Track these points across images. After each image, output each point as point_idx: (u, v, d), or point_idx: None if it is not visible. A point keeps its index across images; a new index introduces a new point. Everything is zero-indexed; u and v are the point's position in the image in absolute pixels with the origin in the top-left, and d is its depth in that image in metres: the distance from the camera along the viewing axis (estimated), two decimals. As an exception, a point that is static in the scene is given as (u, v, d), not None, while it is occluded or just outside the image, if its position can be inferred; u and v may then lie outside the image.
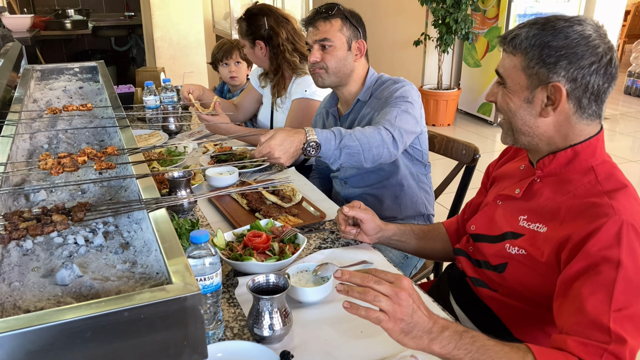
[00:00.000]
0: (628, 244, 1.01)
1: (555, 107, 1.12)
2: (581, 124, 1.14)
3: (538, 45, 1.10)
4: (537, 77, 1.12)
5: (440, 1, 5.12)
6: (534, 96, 1.14)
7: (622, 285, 0.98)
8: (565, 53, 1.08)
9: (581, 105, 1.12)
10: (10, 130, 1.33)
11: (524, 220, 1.21)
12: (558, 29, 1.09)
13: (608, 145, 1.19)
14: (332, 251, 1.48)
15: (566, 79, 1.09)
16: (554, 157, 1.18)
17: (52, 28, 5.88)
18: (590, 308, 0.98)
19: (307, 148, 1.48)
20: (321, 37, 1.79)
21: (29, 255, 0.90)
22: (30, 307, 0.76)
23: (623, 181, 1.12)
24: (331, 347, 1.11)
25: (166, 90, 2.55)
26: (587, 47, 1.08)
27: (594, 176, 1.13)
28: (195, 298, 0.68)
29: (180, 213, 1.65)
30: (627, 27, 7.84)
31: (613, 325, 0.95)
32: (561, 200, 1.15)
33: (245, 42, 2.44)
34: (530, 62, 1.12)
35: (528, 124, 1.17)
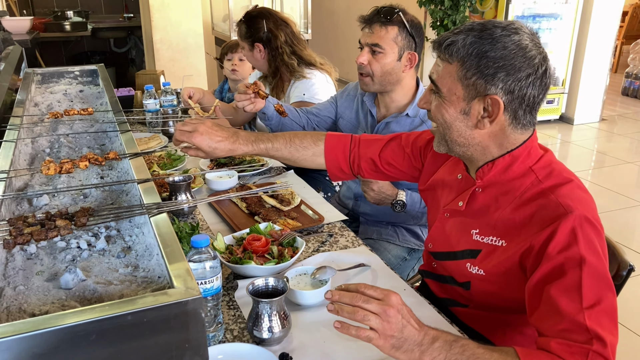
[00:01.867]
0: (585, 239, 1.01)
1: (493, 120, 1.09)
2: (516, 134, 1.12)
3: (476, 55, 1.06)
4: (474, 88, 1.08)
5: (439, 3, 5.13)
6: (470, 107, 1.10)
7: (589, 281, 0.99)
8: (504, 64, 1.04)
9: (517, 116, 1.09)
10: (12, 134, 1.35)
11: (477, 234, 1.19)
12: (496, 38, 1.05)
13: (606, 146, 1.20)
14: (330, 254, 1.50)
15: (503, 91, 1.06)
16: (492, 165, 1.15)
17: (51, 30, 5.88)
18: (564, 309, 0.99)
19: (395, 204, 1.76)
20: (373, 41, 1.74)
21: (32, 260, 0.92)
22: (35, 310, 0.78)
23: (564, 175, 1.11)
24: (329, 349, 1.13)
25: (166, 94, 2.57)
26: (524, 58, 1.04)
27: (535, 176, 1.12)
28: (196, 302, 0.70)
29: (181, 216, 1.67)
30: (624, 29, 7.85)
31: (589, 323, 0.97)
32: (511, 209, 1.12)
33: (244, 45, 2.46)
34: (468, 73, 1.07)
35: (463, 135, 1.14)
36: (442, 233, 1.30)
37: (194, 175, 1.88)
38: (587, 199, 1.08)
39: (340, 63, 2.87)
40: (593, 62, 5.58)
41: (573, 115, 5.74)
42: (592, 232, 1.02)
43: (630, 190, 4.05)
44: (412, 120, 1.83)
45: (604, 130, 5.70)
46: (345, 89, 2.08)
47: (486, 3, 5.44)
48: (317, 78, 2.38)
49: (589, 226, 1.02)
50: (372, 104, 1.93)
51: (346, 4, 7.19)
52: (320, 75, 2.40)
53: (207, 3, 5.29)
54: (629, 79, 6.91)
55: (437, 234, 1.33)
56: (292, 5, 5.15)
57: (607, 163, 4.83)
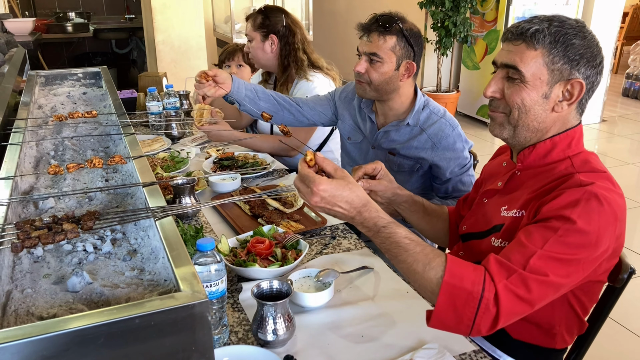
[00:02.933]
0: (585, 208, 1.05)
1: (571, 103, 1.17)
2: (573, 118, 1.21)
3: (562, 42, 1.14)
4: (559, 73, 1.15)
5: (439, 4, 5.14)
6: (551, 91, 1.16)
7: (563, 237, 1.03)
8: (584, 52, 1.13)
9: (581, 101, 1.18)
10: (18, 137, 1.36)
11: (505, 210, 1.24)
12: (577, 29, 1.14)
13: (606, 147, 1.22)
14: (333, 256, 1.51)
15: (584, 76, 1.15)
16: (533, 149, 1.22)
17: (53, 31, 5.90)
18: (525, 241, 1.05)
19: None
20: (371, 50, 1.74)
21: (39, 263, 0.93)
22: (43, 313, 0.79)
23: (599, 167, 1.16)
24: (333, 351, 1.13)
25: (169, 96, 2.58)
26: (597, 47, 1.15)
27: (570, 163, 1.18)
28: (202, 305, 0.71)
29: (185, 219, 1.68)
30: (625, 29, 7.86)
31: (534, 260, 1.02)
32: (538, 186, 1.19)
33: (255, 35, 2.44)
34: (555, 58, 1.14)
35: (539, 119, 1.19)
36: (478, 216, 1.35)
37: (198, 178, 1.89)
38: (613, 190, 1.11)
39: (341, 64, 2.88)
40: (594, 63, 5.58)
41: (574, 116, 5.74)
42: (597, 209, 1.05)
43: (631, 191, 4.05)
44: (411, 129, 1.83)
45: (604, 131, 5.70)
46: (344, 89, 2.07)
47: (487, 4, 5.44)
48: (320, 81, 2.38)
49: (596, 202, 1.05)
50: (370, 110, 1.93)
51: (347, 5, 7.20)
52: (324, 79, 2.41)
53: (208, 5, 5.30)
54: (629, 80, 6.91)
55: (472, 217, 1.38)
56: (293, 6, 5.16)
57: (607, 164, 4.83)
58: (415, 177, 1.85)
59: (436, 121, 1.79)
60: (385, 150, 1.86)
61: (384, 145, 1.87)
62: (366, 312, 1.27)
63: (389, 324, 1.22)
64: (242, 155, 2.24)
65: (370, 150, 1.92)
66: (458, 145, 1.77)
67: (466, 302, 1.01)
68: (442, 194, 1.84)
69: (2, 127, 1.44)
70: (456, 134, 1.77)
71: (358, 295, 1.34)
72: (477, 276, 1.02)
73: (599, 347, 1.02)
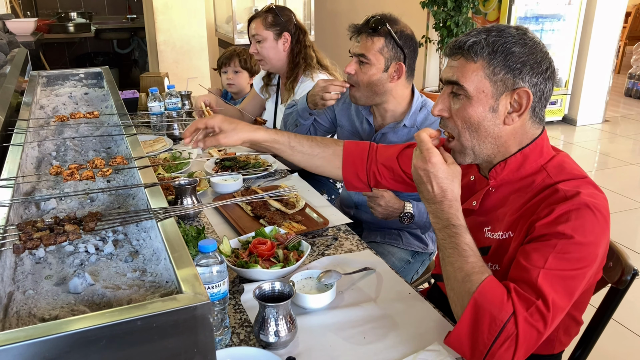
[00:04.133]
0: (578, 220, 1.03)
1: (521, 113, 1.13)
2: (533, 129, 1.17)
3: (502, 51, 1.10)
4: (502, 84, 1.11)
5: (441, 4, 5.14)
6: (498, 104, 1.13)
7: (561, 254, 1.02)
8: (527, 59, 1.10)
9: (535, 110, 1.14)
10: (20, 138, 1.36)
11: (489, 232, 1.22)
12: (515, 36, 1.11)
13: (608, 148, 1.21)
14: (335, 257, 1.50)
15: (529, 84, 1.11)
16: (505, 164, 1.18)
17: (55, 31, 5.91)
18: (526, 263, 1.04)
19: (402, 217, 1.77)
20: (359, 51, 1.75)
21: (41, 264, 0.93)
22: (45, 314, 0.79)
23: (576, 172, 1.14)
24: (335, 353, 1.13)
25: (170, 97, 2.58)
26: (542, 53, 1.11)
27: (546, 173, 1.15)
28: (205, 307, 0.71)
29: (186, 220, 1.68)
30: (627, 29, 7.84)
31: (540, 280, 1.01)
32: (520, 203, 1.16)
33: (267, 35, 2.42)
34: (495, 69, 1.10)
35: (492, 135, 1.15)
36: None
37: (200, 179, 1.89)
38: (598, 194, 1.09)
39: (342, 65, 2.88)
40: (596, 63, 5.57)
41: (576, 116, 5.74)
42: (590, 219, 1.04)
43: (633, 192, 4.04)
44: (409, 131, 1.82)
45: (606, 131, 5.70)
46: (342, 96, 2.06)
47: (489, 4, 5.44)
48: None
49: (588, 212, 1.04)
50: (367, 112, 1.93)
51: (349, 5, 7.20)
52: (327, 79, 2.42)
53: (210, 5, 5.30)
54: (632, 80, 6.90)
55: None
56: (295, 6, 5.15)
57: (610, 164, 4.83)
58: None
59: (433, 122, 1.79)
60: None
61: None
62: (368, 313, 1.26)
63: (391, 325, 1.22)
64: (244, 156, 2.23)
65: None
66: None
67: (489, 326, 1.00)
68: None
69: (4, 128, 1.44)
70: None
71: (360, 296, 1.33)
72: (506, 305, 1.00)
73: (601, 349, 1.02)
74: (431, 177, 1.14)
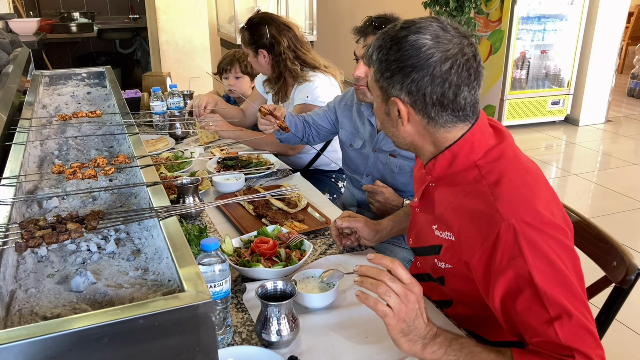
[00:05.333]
0: (529, 247, 0.98)
1: (404, 120, 1.11)
2: (440, 132, 1.11)
3: (380, 59, 1.09)
4: (384, 91, 1.11)
5: (444, 4, 5.13)
6: (388, 109, 1.13)
7: (548, 291, 0.97)
8: (397, 67, 1.06)
9: (430, 115, 1.09)
10: (22, 137, 1.36)
11: (437, 230, 1.20)
12: (395, 41, 1.07)
13: (611, 148, 1.18)
14: (338, 257, 1.50)
15: (405, 92, 1.07)
16: (435, 161, 1.15)
17: (57, 31, 5.92)
18: (534, 325, 0.99)
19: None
20: None
21: (43, 262, 0.93)
22: (47, 313, 0.78)
23: (505, 166, 1.08)
24: (337, 352, 1.13)
25: (172, 96, 2.58)
26: (417, 59, 1.04)
27: (478, 171, 1.09)
28: (207, 306, 0.70)
29: (188, 219, 1.68)
30: (630, 29, 7.82)
31: (563, 338, 0.96)
32: (455, 204, 1.12)
33: (248, 51, 2.47)
34: (376, 76, 1.11)
35: (396, 135, 1.17)
36: (416, 228, 1.32)
37: (202, 178, 1.89)
38: (531, 195, 1.03)
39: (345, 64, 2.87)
40: (598, 63, 5.56)
41: (578, 116, 5.73)
42: (538, 238, 0.99)
43: (636, 192, 4.03)
44: None
45: (609, 131, 5.68)
46: (343, 97, 2.06)
47: (491, 4, 5.43)
48: (320, 80, 2.37)
49: (532, 231, 0.99)
50: (370, 112, 1.91)
51: (351, 5, 7.20)
52: (324, 78, 2.40)
53: (212, 5, 5.30)
54: (634, 80, 6.89)
55: (412, 229, 1.34)
56: (297, 6, 5.15)
57: (612, 165, 4.82)
58: None
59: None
60: (386, 152, 1.85)
61: (384, 148, 1.86)
62: (370, 312, 1.24)
63: (394, 324, 1.21)
64: (246, 155, 2.23)
65: (371, 154, 1.91)
66: None
67: None
68: None
69: (7, 127, 1.44)
70: None
71: (362, 295, 1.33)
72: None
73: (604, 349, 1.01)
74: (422, 307, 1.00)
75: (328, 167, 2.57)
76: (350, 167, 2.03)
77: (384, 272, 0.98)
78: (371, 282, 0.97)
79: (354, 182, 2.03)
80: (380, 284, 0.97)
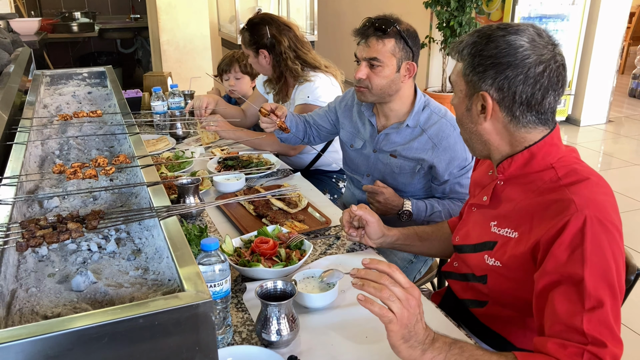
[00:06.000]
0: (592, 239, 1.01)
1: (486, 116, 1.14)
2: (520, 132, 1.15)
3: (473, 53, 1.12)
4: (472, 85, 1.14)
5: (445, 4, 5.13)
6: (471, 104, 1.16)
7: (592, 284, 0.99)
8: (492, 62, 1.09)
9: (514, 114, 1.12)
10: (23, 136, 1.36)
11: (495, 226, 1.22)
12: (492, 38, 1.11)
13: (612, 148, 1.19)
14: (338, 257, 1.50)
15: (494, 88, 1.11)
16: (512, 160, 1.18)
17: (59, 31, 5.92)
18: (564, 311, 1.00)
19: (401, 214, 1.78)
20: (371, 55, 1.71)
21: (44, 262, 0.93)
22: (47, 312, 0.79)
23: (584, 174, 1.12)
24: (337, 352, 1.13)
25: (173, 96, 2.58)
26: (514, 57, 1.08)
27: (555, 172, 1.13)
28: (206, 305, 0.71)
29: (189, 218, 1.68)
30: (631, 29, 7.81)
31: (587, 327, 0.98)
32: (527, 201, 1.15)
33: (249, 52, 2.46)
34: (466, 70, 1.14)
35: (472, 132, 1.19)
36: (467, 226, 1.34)
37: (202, 178, 1.89)
38: (605, 200, 1.08)
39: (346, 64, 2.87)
40: (600, 64, 5.56)
41: (579, 116, 5.72)
42: (603, 234, 1.02)
43: (637, 192, 4.02)
44: (412, 131, 1.82)
45: (610, 132, 5.68)
46: (343, 98, 2.06)
47: (492, 4, 5.43)
48: (321, 80, 2.37)
49: (600, 227, 1.02)
50: (370, 113, 1.91)
51: (352, 5, 7.20)
52: (325, 78, 2.40)
53: (213, 5, 5.31)
54: (636, 80, 6.88)
55: (463, 227, 1.36)
56: (298, 6, 5.15)
57: (613, 165, 4.81)
58: (417, 179, 1.84)
59: (437, 121, 1.78)
60: (387, 153, 1.86)
61: (385, 148, 1.86)
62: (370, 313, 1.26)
63: (393, 324, 1.22)
64: (247, 155, 2.24)
65: (372, 154, 1.91)
66: (459, 145, 1.76)
67: None
68: (440, 195, 1.84)
69: (8, 127, 1.44)
70: (457, 134, 1.76)
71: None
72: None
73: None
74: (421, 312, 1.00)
75: (329, 168, 2.58)
76: (351, 168, 2.04)
77: (384, 276, 0.97)
78: (374, 286, 0.96)
79: (355, 183, 2.04)
80: (383, 288, 0.96)
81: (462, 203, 1.71)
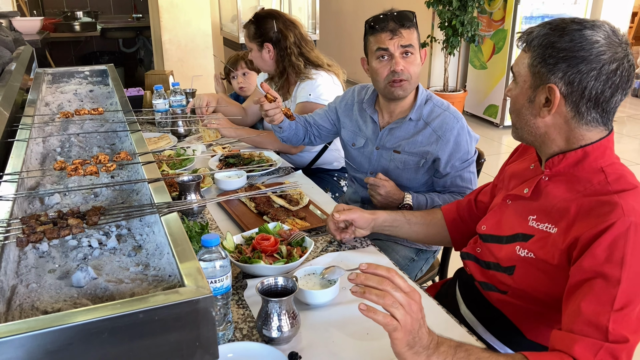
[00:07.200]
0: (634, 244, 1.01)
1: (551, 109, 1.12)
2: (581, 129, 1.13)
3: (544, 44, 1.10)
4: (539, 77, 1.12)
5: (447, 4, 5.13)
6: (535, 95, 1.14)
7: (626, 286, 0.99)
8: (565, 55, 1.08)
9: (579, 110, 1.11)
10: (24, 134, 1.36)
11: (534, 220, 1.21)
12: (567, 31, 1.09)
13: (615, 148, 1.18)
14: (339, 254, 1.50)
15: (563, 82, 1.09)
16: (563, 157, 1.17)
17: (61, 30, 5.93)
18: (590, 307, 1.00)
19: (401, 207, 1.77)
20: (408, 42, 1.71)
21: (44, 258, 0.93)
22: (47, 308, 0.79)
23: (633, 182, 1.12)
24: (338, 349, 1.13)
25: (175, 94, 2.58)
26: (589, 52, 1.06)
27: (604, 177, 1.12)
28: (207, 300, 0.71)
29: (190, 216, 1.68)
30: (634, 29, 7.81)
31: (612, 325, 0.97)
32: (571, 199, 1.14)
33: (252, 46, 2.45)
34: (534, 61, 1.12)
35: (529, 124, 1.18)
36: (499, 217, 1.32)
37: (203, 175, 1.89)
38: None
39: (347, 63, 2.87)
40: (602, 63, 5.54)
41: (582, 116, 5.71)
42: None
43: None
44: (415, 124, 1.82)
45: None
46: (344, 97, 2.06)
47: (494, 3, 5.42)
48: (323, 79, 2.37)
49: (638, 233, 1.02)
50: (373, 110, 1.91)
51: (354, 4, 7.20)
52: (327, 76, 2.39)
53: (215, 4, 5.31)
54: (638, 80, 6.86)
55: (493, 218, 1.35)
56: (300, 5, 5.15)
57: (616, 164, 4.81)
58: (421, 174, 1.84)
59: (440, 114, 1.78)
60: (390, 149, 1.85)
61: (388, 145, 1.86)
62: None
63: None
64: (248, 152, 2.23)
65: (374, 151, 1.90)
66: (462, 138, 1.76)
67: None
68: (440, 188, 1.84)
69: (10, 124, 1.44)
70: (460, 126, 1.77)
71: (363, 293, 1.33)
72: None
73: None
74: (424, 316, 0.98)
75: (330, 166, 2.57)
76: (354, 166, 2.03)
77: (385, 281, 0.94)
78: (376, 294, 0.93)
79: (358, 181, 2.03)
80: (386, 295, 0.93)
81: (462, 197, 1.71)
